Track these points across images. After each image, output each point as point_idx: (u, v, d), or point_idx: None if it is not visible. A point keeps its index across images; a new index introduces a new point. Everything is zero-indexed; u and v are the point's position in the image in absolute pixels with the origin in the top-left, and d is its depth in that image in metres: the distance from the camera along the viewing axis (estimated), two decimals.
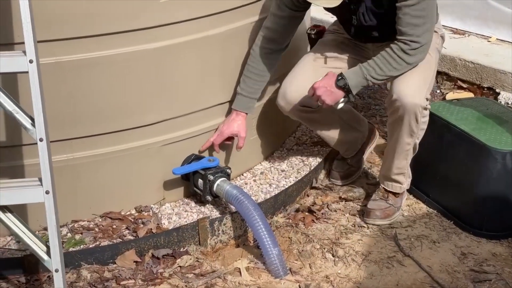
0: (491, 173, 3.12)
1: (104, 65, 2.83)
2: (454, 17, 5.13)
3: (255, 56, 3.25)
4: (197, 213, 3.16)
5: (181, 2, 2.91)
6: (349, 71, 3.06)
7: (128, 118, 2.99)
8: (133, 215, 3.12)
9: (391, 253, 3.05)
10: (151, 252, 2.91)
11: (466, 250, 3.08)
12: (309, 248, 3.07)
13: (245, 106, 3.27)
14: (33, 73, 2.08)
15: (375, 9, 3.07)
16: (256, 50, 3.25)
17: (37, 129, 2.11)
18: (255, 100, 3.29)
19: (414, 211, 3.38)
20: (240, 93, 3.26)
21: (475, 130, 3.22)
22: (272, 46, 3.25)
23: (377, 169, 3.73)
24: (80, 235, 2.96)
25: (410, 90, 2.97)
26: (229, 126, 3.24)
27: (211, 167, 3.12)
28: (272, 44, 3.25)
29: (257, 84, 3.27)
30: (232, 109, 3.27)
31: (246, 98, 3.26)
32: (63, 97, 2.81)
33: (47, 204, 2.18)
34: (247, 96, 3.26)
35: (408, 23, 2.96)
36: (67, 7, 2.68)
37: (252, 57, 3.26)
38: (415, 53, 2.99)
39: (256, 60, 3.25)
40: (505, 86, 4.42)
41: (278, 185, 3.42)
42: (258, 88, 3.28)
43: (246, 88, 3.25)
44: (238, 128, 3.24)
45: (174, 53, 2.98)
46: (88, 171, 3.00)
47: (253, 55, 3.26)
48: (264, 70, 3.27)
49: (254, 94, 3.27)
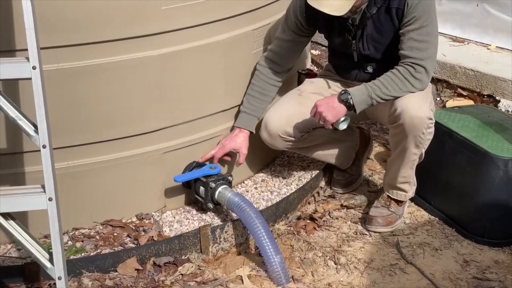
0: (493, 180, 3.11)
1: (106, 72, 2.83)
2: (453, 25, 5.14)
3: (259, 75, 3.29)
4: (199, 221, 3.15)
5: (183, 9, 2.90)
6: (354, 88, 3.06)
7: (130, 125, 2.98)
8: (134, 222, 3.11)
9: (394, 261, 3.04)
10: (153, 260, 2.90)
11: (468, 257, 3.07)
12: (311, 256, 3.06)
13: (248, 124, 3.28)
14: (36, 79, 2.07)
15: (376, 35, 3.09)
16: (260, 69, 3.29)
17: (40, 136, 2.10)
18: (257, 119, 3.30)
19: (416, 219, 3.37)
20: (243, 111, 3.27)
21: (477, 138, 3.22)
22: (275, 68, 3.30)
23: (378, 176, 3.73)
24: (81, 243, 2.94)
25: (415, 104, 2.97)
26: (232, 141, 3.24)
27: (212, 175, 3.12)
28: (275, 66, 3.30)
29: (261, 103, 3.29)
30: (235, 126, 3.28)
31: (250, 116, 3.27)
32: (64, 104, 2.80)
33: (50, 211, 2.17)
34: (251, 114, 3.27)
35: (412, 47, 2.99)
36: (68, 14, 2.68)
37: (256, 76, 3.29)
38: (420, 78, 3.00)
39: (260, 80, 3.29)
40: (505, 93, 4.43)
41: (279, 192, 3.41)
42: (262, 107, 3.30)
43: (250, 107, 3.27)
44: (241, 144, 3.25)
45: (176, 60, 2.97)
46: (89, 178, 2.99)
47: (257, 74, 3.29)
48: (268, 90, 3.30)
49: (258, 113, 3.29)
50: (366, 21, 3.07)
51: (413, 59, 2.99)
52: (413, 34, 2.99)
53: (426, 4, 2.99)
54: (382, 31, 3.09)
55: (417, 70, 2.99)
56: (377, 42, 3.12)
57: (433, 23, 3.03)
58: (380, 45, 3.13)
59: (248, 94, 3.29)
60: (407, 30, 3.00)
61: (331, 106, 3.02)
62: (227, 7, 3.07)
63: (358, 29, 3.11)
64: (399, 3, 2.99)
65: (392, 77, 3.01)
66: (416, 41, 2.99)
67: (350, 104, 3.01)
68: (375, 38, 3.11)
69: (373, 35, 3.10)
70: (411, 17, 2.98)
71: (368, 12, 3.05)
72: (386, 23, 3.06)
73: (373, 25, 3.08)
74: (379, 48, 3.14)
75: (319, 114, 3.03)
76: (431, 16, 3.02)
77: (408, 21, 2.99)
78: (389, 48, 3.11)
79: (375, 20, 3.07)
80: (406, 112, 2.96)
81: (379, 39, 3.11)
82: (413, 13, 2.98)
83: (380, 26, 3.08)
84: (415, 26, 2.98)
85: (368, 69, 3.22)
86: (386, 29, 3.08)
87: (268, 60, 3.29)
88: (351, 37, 3.14)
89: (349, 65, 3.28)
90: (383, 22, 3.06)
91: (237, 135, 3.25)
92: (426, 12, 2.98)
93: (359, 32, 3.11)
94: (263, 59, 3.30)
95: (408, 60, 3.00)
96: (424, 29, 2.99)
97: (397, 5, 3.00)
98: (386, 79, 3.01)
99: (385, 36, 3.10)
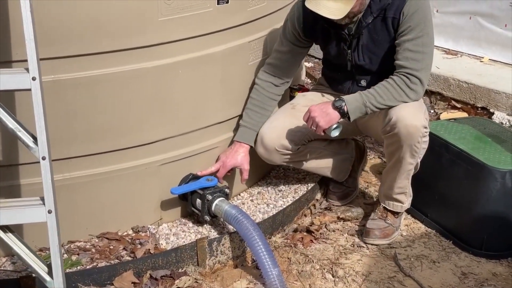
0: (491, 192, 3.11)
1: (103, 83, 2.81)
2: (446, 37, 5.17)
3: (259, 89, 3.29)
4: (195, 233, 3.12)
5: (180, 20, 2.89)
6: (349, 95, 3.06)
7: (126, 137, 2.96)
8: (130, 235, 3.08)
9: (392, 273, 3.03)
10: (149, 273, 2.86)
11: (466, 270, 3.06)
12: (309, 269, 3.04)
13: (249, 139, 3.26)
14: (36, 90, 2.05)
15: (371, 45, 3.10)
16: (260, 83, 3.29)
17: (40, 148, 2.08)
18: (255, 133, 3.28)
19: (413, 231, 3.36)
20: (243, 125, 3.26)
21: (474, 150, 3.22)
22: (275, 81, 3.30)
23: (374, 188, 3.72)
24: (77, 256, 2.91)
25: (410, 113, 2.98)
26: (232, 158, 3.22)
27: (209, 187, 3.10)
28: (275, 79, 3.29)
29: (261, 117, 3.28)
30: (235, 141, 3.26)
31: (250, 131, 3.26)
32: (60, 115, 2.77)
33: (50, 223, 2.15)
34: (251, 128, 3.26)
35: (407, 58, 3.01)
36: (65, 25, 2.66)
37: (255, 90, 3.29)
38: (415, 89, 3.01)
39: (260, 94, 3.29)
40: (499, 106, 4.44)
41: (275, 205, 3.39)
42: (262, 121, 3.28)
43: (250, 121, 3.26)
44: (242, 160, 3.23)
45: (173, 72, 2.96)
46: (85, 190, 2.96)
47: (257, 88, 3.29)
48: (268, 104, 3.30)
49: (258, 127, 3.27)
50: (362, 30, 3.07)
51: (408, 70, 3.00)
52: (408, 44, 3.00)
53: (422, 15, 3.00)
54: (377, 41, 3.09)
55: (412, 81, 3.00)
56: (372, 52, 3.12)
57: (429, 35, 3.03)
58: (375, 56, 3.13)
59: (248, 109, 3.28)
60: (402, 40, 3.01)
61: (325, 112, 3.01)
62: (224, 19, 3.06)
63: (354, 39, 3.11)
64: (395, 13, 3.00)
65: (387, 86, 3.01)
66: (412, 51, 3.00)
67: (344, 111, 3.00)
68: (370, 49, 3.12)
69: (369, 45, 3.11)
70: (406, 27, 2.99)
71: (364, 21, 3.05)
72: (381, 33, 3.07)
73: (368, 34, 3.09)
74: (373, 59, 3.14)
75: (312, 119, 3.03)
76: (427, 27, 3.02)
77: (404, 31, 3.00)
78: (384, 60, 3.12)
79: (370, 30, 3.08)
80: (401, 121, 2.95)
81: (374, 49, 3.11)
82: (408, 23, 2.99)
83: (376, 37, 3.08)
84: (411, 36, 2.99)
85: (362, 83, 3.22)
86: (381, 40, 3.08)
87: (267, 73, 3.29)
88: (346, 47, 3.14)
89: (343, 77, 3.27)
90: (379, 32, 3.07)
91: (237, 151, 3.23)
92: (422, 22, 3.00)
93: (355, 41, 3.12)
94: (262, 73, 3.29)
95: (404, 70, 3.01)
96: (419, 39, 3.00)
97: (393, 15, 3.01)
98: (381, 88, 3.01)
99: (380, 47, 3.10)
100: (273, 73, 3.28)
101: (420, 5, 3.01)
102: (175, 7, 2.85)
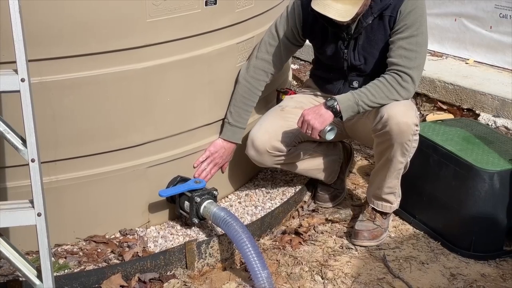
0: (479, 193, 3.11)
1: (89, 85, 2.78)
2: (431, 39, 5.12)
3: (244, 83, 3.26)
4: (183, 236, 3.10)
5: (168, 22, 2.87)
6: (340, 95, 3.05)
7: (113, 140, 2.93)
8: (118, 238, 3.05)
9: (381, 275, 3.02)
10: (138, 276, 2.85)
11: (455, 271, 3.06)
12: (298, 271, 3.03)
13: (235, 137, 3.27)
14: (25, 92, 2.02)
15: (367, 45, 3.11)
16: (243, 79, 3.26)
17: (29, 150, 2.05)
18: (243, 130, 3.28)
19: (401, 232, 3.36)
20: (229, 123, 3.25)
21: (462, 151, 3.22)
22: (259, 76, 3.28)
23: (361, 190, 3.71)
24: (64, 259, 2.88)
25: (401, 111, 2.98)
26: (221, 158, 3.27)
27: (197, 189, 3.08)
28: (259, 73, 3.28)
29: (245, 113, 3.27)
30: (222, 139, 3.26)
31: (235, 128, 3.26)
32: (47, 117, 2.75)
33: (39, 226, 2.12)
34: (236, 125, 3.25)
35: (400, 55, 3.01)
36: (52, 27, 2.63)
37: (239, 86, 3.27)
38: (406, 87, 3.02)
39: (244, 88, 3.26)
40: (484, 107, 4.46)
41: (263, 207, 3.38)
42: (246, 118, 3.28)
43: (235, 118, 3.25)
44: (230, 158, 3.29)
45: (160, 73, 2.94)
46: (72, 193, 2.93)
47: (241, 83, 3.27)
48: (251, 100, 3.29)
49: (243, 124, 3.27)
50: (361, 30, 3.08)
51: (400, 67, 3.00)
52: (403, 42, 3.01)
53: (418, 14, 3.02)
54: (373, 41, 3.10)
55: (404, 79, 3.00)
56: (368, 53, 3.13)
57: (423, 35, 3.04)
58: (370, 57, 3.13)
59: (232, 105, 3.26)
60: (397, 38, 3.02)
61: (318, 113, 3.01)
62: (211, 20, 3.05)
63: (352, 39, 3.11)
64: (392, 11, 3.02)
65: (378, 84, 3.01)
66: (406, 49, 3.01)
67: (336, 110, 3.00)
68: (366, 49, 3.12)
69: (365, 45, 3.12)
70: (402, 25, 3.01)
71: (364, 21, 3.05)
72: (378, 32, 3.07)
73: (366, 35, 3.10)
74: (368, 60, 3.14)
75: (306, 122, 3.02)
76: (422, 27, 3.04)
77: (399, 29, 3.02)
78: (378, 61, 3.12)
79: (368, 30, 3.08)
80: (393, 119, 2.95)
81: (369, 49, 3.12)
82: (404, 21, 3.00)
83: (372, 36, 3.09)
84: (405, 35, 3.00)
85: (354, 84, 3.21)
86: (377, 39, 3.09)
87: (254, 68, 3.26)
88: (344, 47, 3.14)
89: (335, 77, 3.27)
90: (376, 31, 3.08)
91: (226, 150, 3.26)
92: (417, 21, 3.01)
93: (352, 41, 3.12)
94: (246, 68, 3.27)
95: (396, 67, 3.01)
96: (414, 38, 3.01)
97: (390, 13, 3.03)
98: (373, 86, 3.02)
99: (375, 47, 3.11)
100: (260, 67, 3.26)
101: (417, 5, 3.02)
102: (163, 8, 2.83)
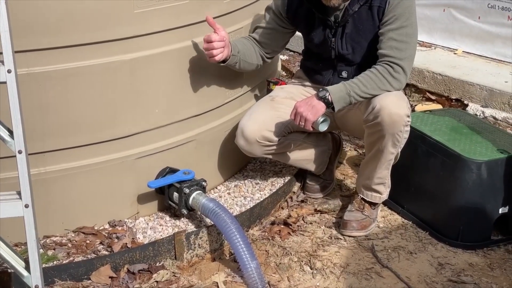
0: (467, 183, 3.12)
1: (77, 76, 2.78)
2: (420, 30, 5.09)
3: (248, 39, 3.31)
4: (172, 227, 3.11)
5: (156, 12, 2.87)
6: (332, 86, 3.05)
7: (102, 131, 2.93)
8: (106, 229, 3.05)
9: (369, 265, 3.03)
10: (127, 267, 2.85)
11: (443, 260, 3.08)
12: (287, 261, 3.04)
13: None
14: (12, 83, 2.01)
15: (355, 34, 3.12)
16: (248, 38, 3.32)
17: (16, 141, 2.04)
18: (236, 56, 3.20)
19: (389, 223, 3.37)
20: None
21: (450, 141, 3.23)
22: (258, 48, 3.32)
23: (350, 181, 3.72)
24: (53, 251, 2.88)
25: (393, 101, 2.98)
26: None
27: (186, 180, 3.08)
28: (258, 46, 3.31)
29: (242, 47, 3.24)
30: None
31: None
32: (34, 108, 2.74)
33: (27, 218, 2.12)
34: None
35: (391, 47, 3.02)
36: (38, 17, 2.63)
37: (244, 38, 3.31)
38: (398, 78, 3.02)
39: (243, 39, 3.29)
40: (473, 97, 4.47)
41: (252, 197, 3.38)
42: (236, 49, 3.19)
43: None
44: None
45: (148, 65, 2.94)
46: (60, 185, 2.93)
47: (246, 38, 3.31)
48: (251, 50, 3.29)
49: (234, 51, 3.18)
50: (348, 18, 3.08)
51: (392, 58, 3.01)
52: (393, 34, 3.02)
53: (407, 5, 3.02)
54: (361, 30, 3.10)
55: (395, 70, 3.00)
56: (356, 42, 3.13)
57: (413, 25, 3.05)
58: (358, 46, 3.14)
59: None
60: (386, 29, 3.03)
61: (310, 105, 3.01)
62: (200, 11, 3.04)
63: (339, 27, 3.12)
64: (381, 2, 3.02)
65: (370, 75, 3.01)
66: (396, 40, 3.01)
67: (328, 101, 2.99)
68: (354, 38, 3.13)
69: (352, 34, 3.12)
70: (391, 16, 3.01)
71: (351, 9, 3.06)
72: (367, 22, 3.08)
73: (353, 23, 3.10)
74: (356, 49, 3.15)
75: (299, 114, 3.01)
76: (412, 17, 3.04)
77: (388, 20, 3.02)
78: (366, 51, 3.12)
79: (355, 19, 3.08)
80: (385, 109, 2.95)
81: (357, 38, 3.12)
82: (393, 12, 3.01)
83: (360, 26, 3.09)
84: (395, 26, 3.01)
85: (343, 74, 3.22)
86: (365, 29, 3.09)
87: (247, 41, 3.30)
88: (331, 35, 3.15)
89: (324, 67, 3.27)
90: (364, 21, 3.08)
91: None
92: (407, 12, 3.02)
93: (340, 30, 3.12)
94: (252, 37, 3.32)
95: (387, 59, 3.02)
96: (403, 29, 3.01)
97: (378, 4, 3.03)
98: (364, 77, 3.02)
99: (363, 37, 3.11)
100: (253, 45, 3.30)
101: None
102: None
